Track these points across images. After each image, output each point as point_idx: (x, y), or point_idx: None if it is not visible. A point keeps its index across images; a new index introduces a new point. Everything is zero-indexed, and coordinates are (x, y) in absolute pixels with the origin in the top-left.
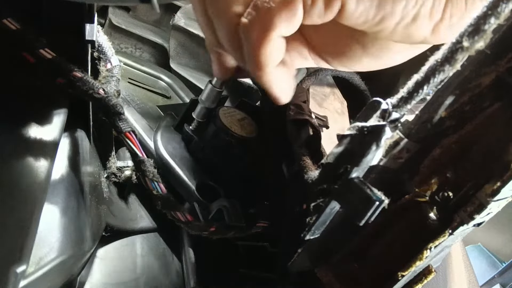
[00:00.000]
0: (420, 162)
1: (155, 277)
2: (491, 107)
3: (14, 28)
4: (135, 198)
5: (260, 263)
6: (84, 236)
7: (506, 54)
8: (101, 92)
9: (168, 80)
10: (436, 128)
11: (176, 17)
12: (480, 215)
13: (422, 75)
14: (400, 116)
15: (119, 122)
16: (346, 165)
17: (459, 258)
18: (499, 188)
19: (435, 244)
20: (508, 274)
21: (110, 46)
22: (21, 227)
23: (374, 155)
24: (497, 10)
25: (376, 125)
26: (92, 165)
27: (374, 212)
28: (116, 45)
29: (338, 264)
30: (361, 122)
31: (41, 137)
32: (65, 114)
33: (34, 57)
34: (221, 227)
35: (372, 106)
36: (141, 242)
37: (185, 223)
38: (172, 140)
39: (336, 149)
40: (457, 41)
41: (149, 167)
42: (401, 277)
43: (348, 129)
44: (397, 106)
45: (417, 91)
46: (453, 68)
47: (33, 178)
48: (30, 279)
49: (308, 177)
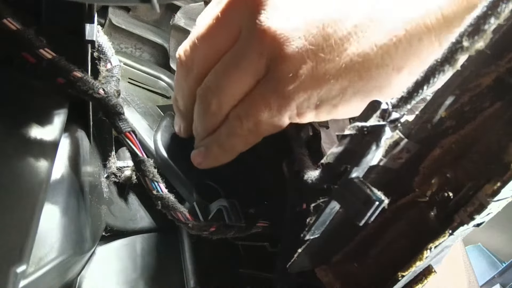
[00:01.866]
0: (420, 162)
1: (155, 277)
2: (491, 107)
3: (14, 28)
4: (135, 198)
5: (260, 263)
6: (84, 236)
7: (506, 54)
8: (101, 92)
9: (168, 80)
10: (436, 128)
11: (176, 17)
12: (480, 215)
13: (422, 75)
14: (400, 116)
15: (119, 122)
16: (346, 165)
17: (459, 258)
18: (499, 188)
19: (435, 244)
20: (508, 274)
21: (110, 46)
22: (21, 227)
23: (374, 155)
24: (497, 10)
25: (376, 125)
26: (92, 165)
27: (374, 212)
28: (116, 45)
29: (338, 264)
30: (361, 122)
31: (41, 137)
32: (65, 114)
33: (34, 57)
34: (221, 227)
35: (372, 106)
36: (141, 242)
37: (185, 223)
38: (172, 140)
39: (336, 149)
40: (457, 41)
41: (149, 167)
42: (401, 277)
43: (348, 129)
44: (397, 106)
45: (417, 91)
46: (453, 68)
47: (33, 178)
48: (30, 279)
49: (308, 177)
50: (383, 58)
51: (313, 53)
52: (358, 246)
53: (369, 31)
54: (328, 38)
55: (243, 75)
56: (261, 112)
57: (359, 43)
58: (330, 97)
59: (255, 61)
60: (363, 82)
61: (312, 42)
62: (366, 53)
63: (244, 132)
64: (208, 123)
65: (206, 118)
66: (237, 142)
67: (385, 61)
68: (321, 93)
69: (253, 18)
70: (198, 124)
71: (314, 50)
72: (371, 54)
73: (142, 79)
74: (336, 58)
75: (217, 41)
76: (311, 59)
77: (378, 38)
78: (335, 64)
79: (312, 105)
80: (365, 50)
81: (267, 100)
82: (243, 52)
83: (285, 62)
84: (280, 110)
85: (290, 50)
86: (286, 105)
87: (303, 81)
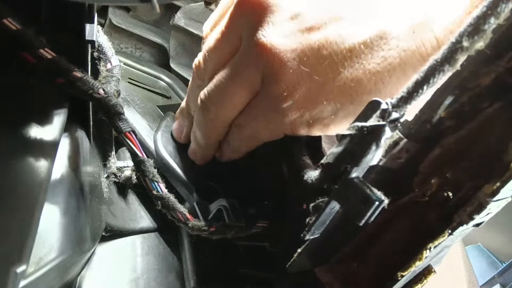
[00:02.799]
0: (419, 162)
1: (155, 277)
2: (491, 107)
3: (14, 28)
4: (135, 198)
5: (260, 263)
6: (84, 236)
7: (506, 54)
8: (101, 92)
9: (168, 80)
10: (435, 128)
11: (176, 17)
12: (479, 215)
13: (422, 75)
14: (400, 116)
15: (119, 122)
16: (346, 165)
17: (459, 258)
18: (498, 188)
19: (434, 244)
20: (508, 274)
21: (110, 46)
22: (21, 227)
23: (374, 155)
24: (497, 10)
25: (376, 125)
26: (92, 165)
27: (374, 212)
28: (116, 45)
29: (338, 264)
30: (361, 122)
31: (41, 137)
32: (65, 114)
33: (34, 57)
34: (221, 227)
35: (372, 106)
36: (141, 242)
37: (185, 223)
38: (172, 140)
39: (336, 149)
40: (457, 41)
41: (149, 167)
42: (400, 277)
43: (348, 129)
44: (397, 106)
45: (417, 91)
46: (452, 68)
47: (33, 178)
48: (30, 279)
49: (308, 177)
50: (376, 85)
51: (307, 75)
52: (358, 246)
53: (364, 57)
54: (323, 60)
55: (238, 88)
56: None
57: (353, 68)
58: (322, 117)
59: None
60: (354, 106)
61: (307, 64)
62: (360, 78)
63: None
64: (206, 129)
65: (204, 124)
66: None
67: (378, 87)
68: (314, 113)
69: (252, 32)
70: (196, 129)
71: (308, 72)
72: (364, 80)
73: (142, 79)
74: (330, 81)
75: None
76: (305, 81)
77: (373, 65)
78: (329, 86)
79: (305, 123)
80: (358, 75)
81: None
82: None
83: (279, 82)
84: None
85: (285, 70)
86: (280, 121)
87: (297, 101)
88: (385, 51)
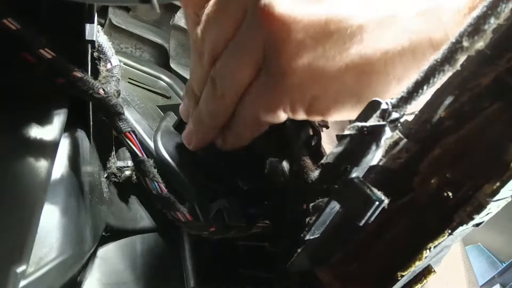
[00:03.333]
0: (419, 162)
1: (155, 277)
2: (491, 107)
3: (14, 28)
4: (135, 198)
5: (260, 263)
6: (84, 236)
7: (506, 54)
8: (101, 92)
9: (168, 80)
10: (435, 128)
11: (176, 17)
12: (479, 215)
13: (422, 75)
14: (400, 116)
15: (119, 122)
16: (346, 165)
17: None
18: (498, 188)
19: (434, 244)
20: (508, 274)
21: (110, 46)
22: (21, 227)
23: (374, 155)
24: (497, 10)
25: (376, 125)
26: (92, 165)
27: (374, 212)
28: (116, 45)
29: (338, 264)
30: (361, 122)
31: (41, 137)
32: (65, 114)
33: (34, 57)
34: (221, 227)
35: (372, 106)
36: (141, 242)
37: (185, 223)
38: (172, 140)
39: (336, 149)
40: (457, 41)
41: (149, 167)
42: (400, 277)
43: (347, 129)
44: (397, 106)
45: (417, 91)
46: (453, 68)
47: (33, 178)
48: (30, 279)
49: (308, 177)
50: (386, 66)
51: (312, 49)
52: (358, 246)
53: (375, 34)
54: (331, 35)
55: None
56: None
57: (363, 45)
58: (323, 97)
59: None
60: (359, 86)
61: (313, 37)
62: (369, 57)
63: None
64: (212, 107)
65: (211, 102)
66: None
67: (387, 68)
68: (316, 92)
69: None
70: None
71: (314, 45)
72: (374, 59)
73: (142, 79)
74: (337, 57)
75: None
76: (310, 55)
77: (383, 44)
78: (334, 63)
79: (306, 102)
80: (367, 53)
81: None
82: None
83: (282, 55)
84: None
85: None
86: (279, 100)
87: (298, 77)
88: (395, 31)
